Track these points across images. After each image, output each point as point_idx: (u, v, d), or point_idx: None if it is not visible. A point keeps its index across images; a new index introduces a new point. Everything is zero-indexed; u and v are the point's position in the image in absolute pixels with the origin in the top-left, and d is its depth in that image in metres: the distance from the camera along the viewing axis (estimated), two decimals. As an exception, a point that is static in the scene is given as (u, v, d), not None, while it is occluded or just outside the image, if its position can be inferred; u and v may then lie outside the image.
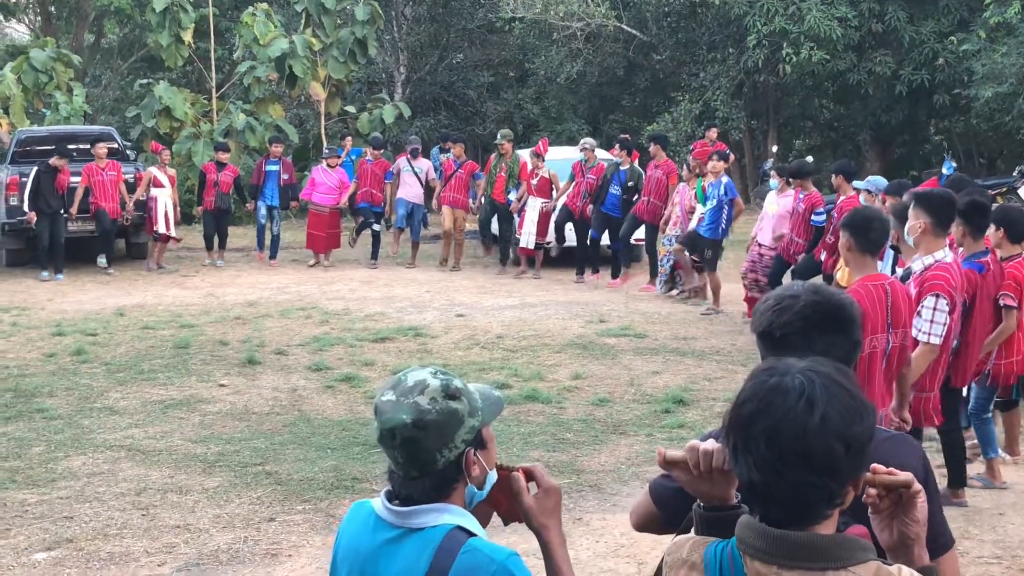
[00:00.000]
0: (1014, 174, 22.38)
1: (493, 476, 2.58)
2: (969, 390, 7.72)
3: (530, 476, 2.60)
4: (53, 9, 37.54)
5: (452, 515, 2.48)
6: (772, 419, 2.01)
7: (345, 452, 8.61)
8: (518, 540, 4.85)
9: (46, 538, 6.98)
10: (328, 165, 18.63)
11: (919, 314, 5.98)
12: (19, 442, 9.00)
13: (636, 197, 15.92)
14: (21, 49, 27.83)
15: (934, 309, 5.99)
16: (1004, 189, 19.57)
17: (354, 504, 2.70)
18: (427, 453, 2.43)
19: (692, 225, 14.39)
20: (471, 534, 2.47)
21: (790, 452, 1.99)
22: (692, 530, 2.37)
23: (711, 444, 2.37)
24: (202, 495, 7.70)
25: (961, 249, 7.26)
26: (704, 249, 14.05)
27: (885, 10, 25.42)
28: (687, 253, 14.54)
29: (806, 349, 2.67)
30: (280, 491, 7.76)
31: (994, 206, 8.28)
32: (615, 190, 16.10)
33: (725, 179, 13.95)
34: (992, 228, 7.61)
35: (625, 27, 28.38)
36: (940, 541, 2.83)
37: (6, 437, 9.14)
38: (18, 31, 35.80)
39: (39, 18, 38.35)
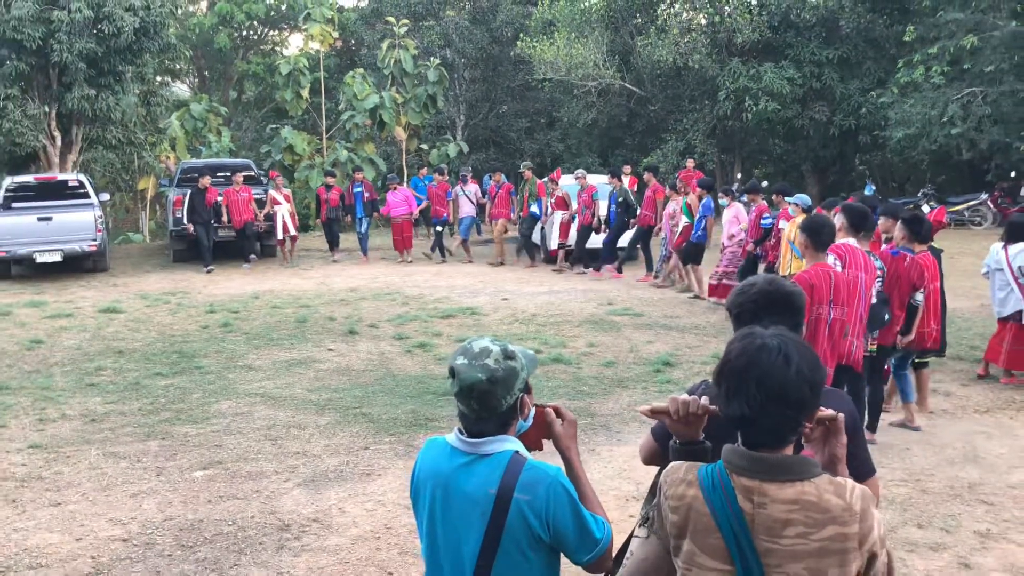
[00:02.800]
0: (918, 195, 22.43)
1: (532, 412, 2.63)
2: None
3: (557, 412, 2.65)
4: (207, 73, 37.85)
5: (511, 444, 2.53)
6: (760, 369, 2.09)
7: (420, 399, 8.65)
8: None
9: (202, 460, 7.06)
10: (393, 188, 18.77)
11: None
12: (182, 390, 9.11)
13: (629, 211, 15.92)
14: (184, 102, 28.04)
15: None
16: (912, 206, 19.39)
17: (429, 439, 2.71)
18: (496, 400, 2.47)
19: (676, 234, 14.36)
20: (525, 457, 2.52)
21: (774, 393, 2.08)
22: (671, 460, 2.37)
23: (686, 397, 2.41)
24: (315, 430, 7.76)
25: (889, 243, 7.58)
26: (693, 252, 14.08)
27: (822, 72, 25.43)
28: (683, 264, 14.46)
29: (756, 324, 2.71)
30: (372, 427, 7.80)
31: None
32: (612, 207, 16.13)
33: (706, 199, 13.95)
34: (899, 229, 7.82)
35: (627, 85, 28.26)
36: (865, 468, 2.89)
37: (173, 387, 9.26)
38: (181, 89, 36.11)
39: (196, 79, 38.66)
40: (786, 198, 11.86)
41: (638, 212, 15.92)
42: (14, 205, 16.74)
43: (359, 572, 5.17)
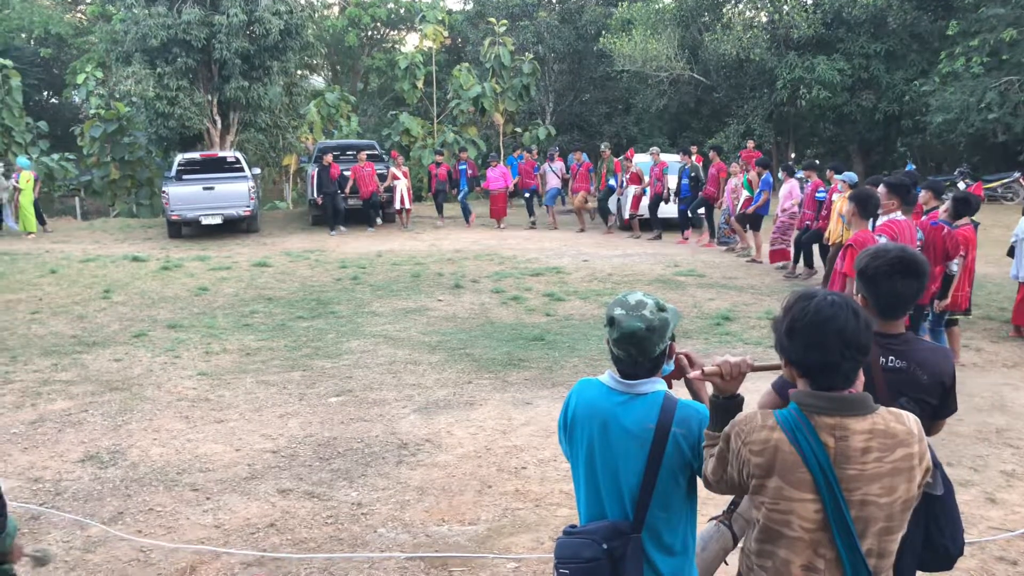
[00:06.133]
0: (955, 173, 21.42)
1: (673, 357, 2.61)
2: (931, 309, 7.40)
3: (688, 358, 2.61)
4: (338, 67, 38.24)
5: (660, 384, 2.49)
6: (839, 322, 2.08)
7: (514, 343, 8.68)
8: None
9: (336, 388, 7.24)
10: (492, 165, 18.72)
11: None
12: (319, 331, 9.31)
13: (699, 184, 15.60)
14: (319, 92, 28.39)
15: None
16: (948, 183, 18.50)
17: (581, 380, 2.64)
18: (651, 346, 2.42)
19: (738, 206, 13.97)
20: (676, 397, 2.50)
21: (851, 342, 2.08)
22: (720, 413, 2.31)
23: (736, 359, 2.35)
24: (428, 366, 7.86)
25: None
26: (754, 220, 13.71)
27: (870, 63, 24.40)
28: (739, 224, 14.08)
29: (888, 286, 2.67)
30: (474, 365, 7.86)
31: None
32: (684, 181, 15.80)
33: (765, 175, 13.57)
34: (923, 192, 7.70)
35: (695, 75, 27.53)
36: (950, 411, 2.92)
37: (312, 328, 9.48)
38: (317, 81, 36.60)
39: (330, 73, 39.10)
40: (836, 175, 11.49)
41: (704, 186, 15.63)
42: (184, 177, 17.27)
43: (464, 484, 5.26)
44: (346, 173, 17.80)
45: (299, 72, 26.04)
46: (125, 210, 24.90)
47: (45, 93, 35.58)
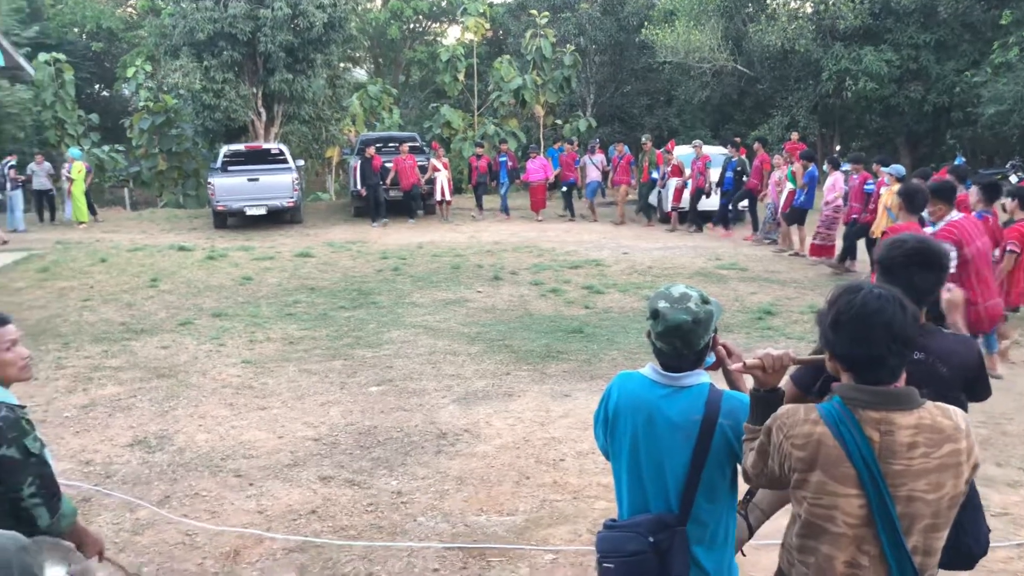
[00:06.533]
0: (1007, 166, 20.91)
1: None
2: None
3: (727, 349, 2.58)
4: (380, 60, 38.46)
5: (704, 377, 2.47)
6: (886, 316, 2.04)
7: (552, 335, 8.67)
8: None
9: (376, 378, 7.30)
10: (532, 157, 18.66)
11: None
12: (361, 321, 9.39)
13: (744, 178, 15.40)
14: (362, 85, 28.56)
15: None
16: (999, 176, 18.05)
17: (622, 373, 2.62)
18: (696, 338, 2.40)
19: (782, 199, 13.75)
20: (721, 389, 2.48)
21: (898, 335, 2.04)
22: (761, 407, 2.28)
23: (779, 352, 2.32)
24: (467, 357, 7.89)
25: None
26: (796, 215, 13.50)
27: (919, 54, 23.84)
28: (787, 224, 13.84)
29: (904, 277, 2.63)
30: (513, 357, 7.87)
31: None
32: (729, 174, 15.60)
33: (810, 168, 13.35)
34: (1009, 200, 7.30)
35: (739, 67, 27.16)
36: (979, 397, 2.89)
37: (354, 318, 9.57)
38: (360, 73, 36.84)
39: (372, 65, 39.34)
40: (883, 168, 11.26)
41: (746, 177, 15.45)
42: (229, 168, 17.53)
43: (502, 474, 5.28)
44: (388, 165, 17.92)
45: (342, 65, 26.23)
46: (172, 200, 25.35)
47: (97, 86, 36.33)
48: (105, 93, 36.72)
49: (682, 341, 2.40)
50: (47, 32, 31.02)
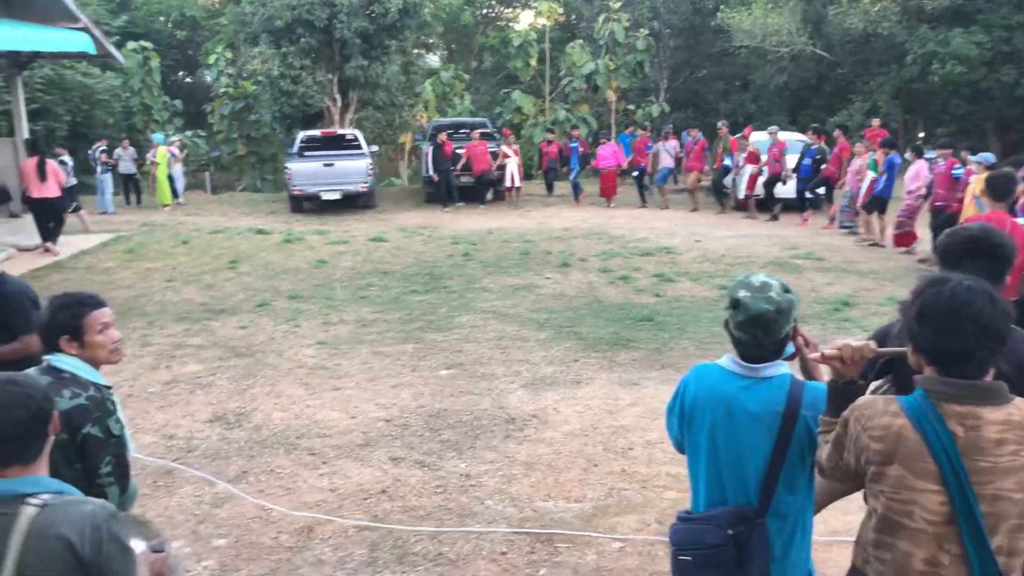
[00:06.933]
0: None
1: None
2: None
3: (805, 339, 2.52)
4: (453, 46, 38.64)
5: (784, 367, 2.43)
6: (975, 308, 1.98)
7: (621, 323, 8.60)
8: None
9: (446, 362, 7.36)
10: (603, 143, 18.49)
11: None
12: (432, 305, 9.47)
13: (822, 166, 14.99)
14: (435, 71, 28.77)
15: None
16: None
17: (698, 365, 2.59)
18: (778, 328, 2.36)
19: (863, 188, 13.31)
20: (802, 380, 2.43)
21: (988, 329, 1.98)
22: (838, 399, 2.22)
23: (859, 343, 2.26)
24: (535, 343, 7.89)
25: None
26: (876, 203, 13.07)
27: (1012, 36, 22.68)
28: (867, 214, 13.40)
29: (957, 265, 2.56)
30: (581, 344, 7.84)
31: None
32: (807, 161, 15.19)
33: (892, 155, 12.90)
34: None
35: (818, 51, 26.40)
36: None
37: (425, 302, 9.66)
38: (432, 59, 37.08)
39: (445, 51, 39.55)
40: (971, 156, 10.81)
41: (824, 166, 15.03)
42: (306, 153, 17.88)
43: (570, 461, 5.28)
44: (459, 151, 18.02)
45: (415, 51, 26.42)
46: (251, 185, 26.04)
47: (180, 73, 37.47)
48: (188, 80, 37.87)
49: (764, 331, 2.35)
50: (135, 21, 32.10)
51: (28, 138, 15.09)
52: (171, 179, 19.13)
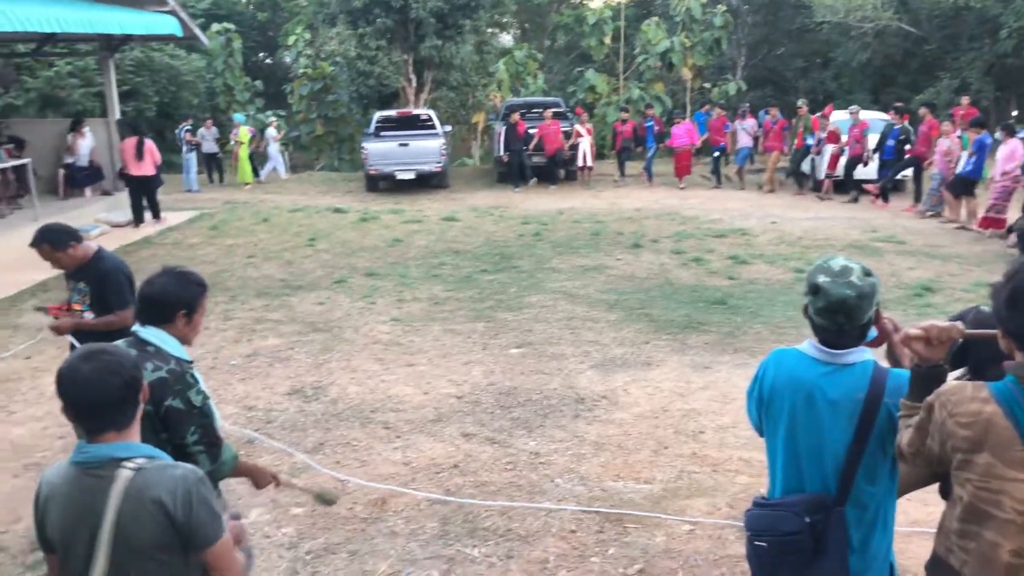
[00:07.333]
0: None
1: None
2: None
3: (892, 321, 2.46)
4: (527, 25, 38.41)
5: (867, 353, 2.38)
6: None
7: (693, 306, 8.51)
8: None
9: (517, 341, 7.41)
10: (677, 122, 18.17)
11: None
12: (503, 284, 9.53)
13: (908, 147, 14.44)
14: (508, 50, 28.68)
15: None
16: None
17: (776, 350, 2.54)
18: (860, 313, 2.30)
19: (958, 168, 12.76)
20: (885, 366, 2.37)
21: None
22: (922, 383, 2.15)
23: (946, 323, 2.17)
24: (606, 324, 7.88)
25: None
26: (964, 185, 12.54)
27: (1117, 8, 21.36)
28: (952, 196, 12.88)
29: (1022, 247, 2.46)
30: (652, 326, 7.79)
31: None
32: (890, 142, 14.64)
33: (982, 135, 12.35)
34: None
35: (904, 26, 25.38)
36: None
37: (496, 281, 9.72)
38: (506, 39, 36.98)
39: (518, 30, 39.36)
40: None
41: (909, 146, 14.47)
42: (382, 133, 18.11)
43: (639, 443, 5.27)
44: (532, 131, 17.97)
45: (489, 30, 26.43)
46: (328, 164, 26.50)
47: (261, 54, 38.27)
48: (268, 61, 38.63)
49: (846, 316, 2.29)
50: (218, 3, 32.88)
51: (119, 119, 15.67)
52: (267, 158, 19.64)
